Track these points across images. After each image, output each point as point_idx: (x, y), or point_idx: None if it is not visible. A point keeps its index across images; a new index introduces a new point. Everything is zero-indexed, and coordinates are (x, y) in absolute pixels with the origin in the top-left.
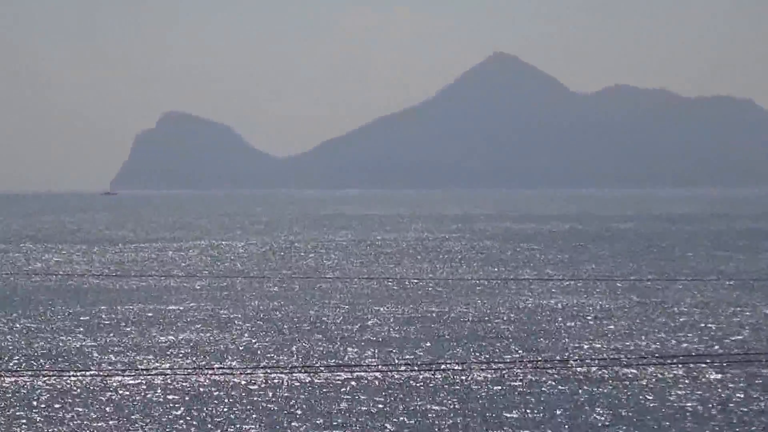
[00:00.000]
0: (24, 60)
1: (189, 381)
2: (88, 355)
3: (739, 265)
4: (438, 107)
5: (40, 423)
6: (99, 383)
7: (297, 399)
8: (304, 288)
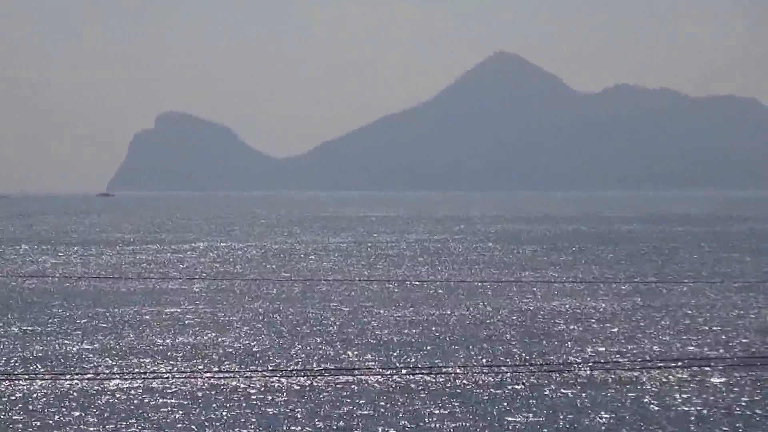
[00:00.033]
0: (21, 60)
1: (187, 385)
2: (84, 359)
3: (745, 267)
4: (439, 107)
5: (36, 428)
6: (96, 387)
7: (297, 403)
8: (303, 290)
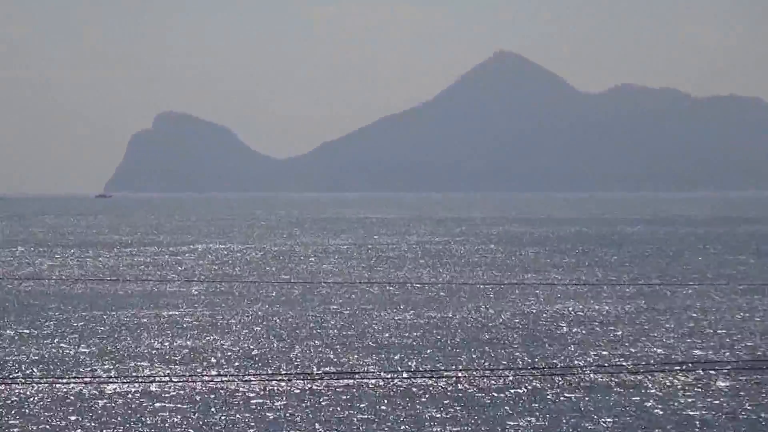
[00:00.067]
0: (20, 60)
1: (186, 389)
2: (82, 362)
3: (749, 270)
4: (440, 107)
5: None
6: (93, 391)
7: (297, 407)
8: (303, 293)
